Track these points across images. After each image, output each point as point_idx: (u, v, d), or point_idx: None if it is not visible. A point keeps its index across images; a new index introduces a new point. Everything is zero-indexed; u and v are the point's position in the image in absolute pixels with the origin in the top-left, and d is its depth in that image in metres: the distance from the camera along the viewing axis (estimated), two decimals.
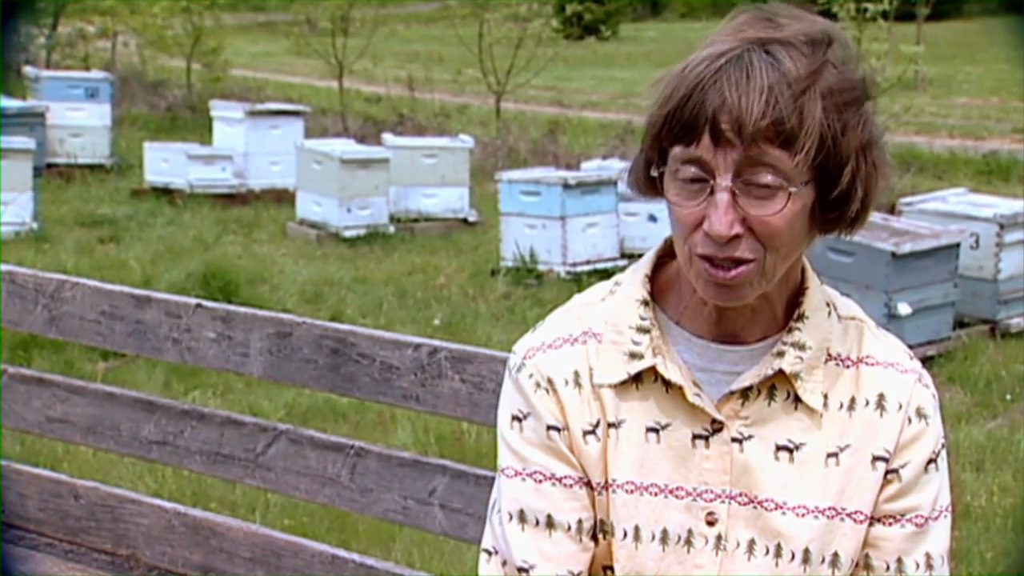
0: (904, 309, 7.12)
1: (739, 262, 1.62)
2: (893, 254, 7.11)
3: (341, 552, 2.95)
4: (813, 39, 1.62)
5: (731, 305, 1.68)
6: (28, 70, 14.42)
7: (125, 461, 5.05)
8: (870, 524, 1.74)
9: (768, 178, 1.59)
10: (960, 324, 7.59)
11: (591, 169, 10.10)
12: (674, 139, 1.62)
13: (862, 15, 11.62)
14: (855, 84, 1.63)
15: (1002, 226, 7.76)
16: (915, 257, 7.21)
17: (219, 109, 12.66)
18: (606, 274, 1.78)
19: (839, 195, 1.63)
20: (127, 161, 12.99)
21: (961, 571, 4.61)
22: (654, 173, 1.66)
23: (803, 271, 1.75)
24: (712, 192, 1.60)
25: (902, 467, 1.73)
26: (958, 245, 7.49)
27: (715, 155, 1.59)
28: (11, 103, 12.30)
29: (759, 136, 1.57)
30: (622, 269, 1.84)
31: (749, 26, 1.63)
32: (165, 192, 11.68)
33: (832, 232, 1.69)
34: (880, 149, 1.66)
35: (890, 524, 1.74)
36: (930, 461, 1.75)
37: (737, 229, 1.60)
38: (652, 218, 9.32)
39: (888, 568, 1.75)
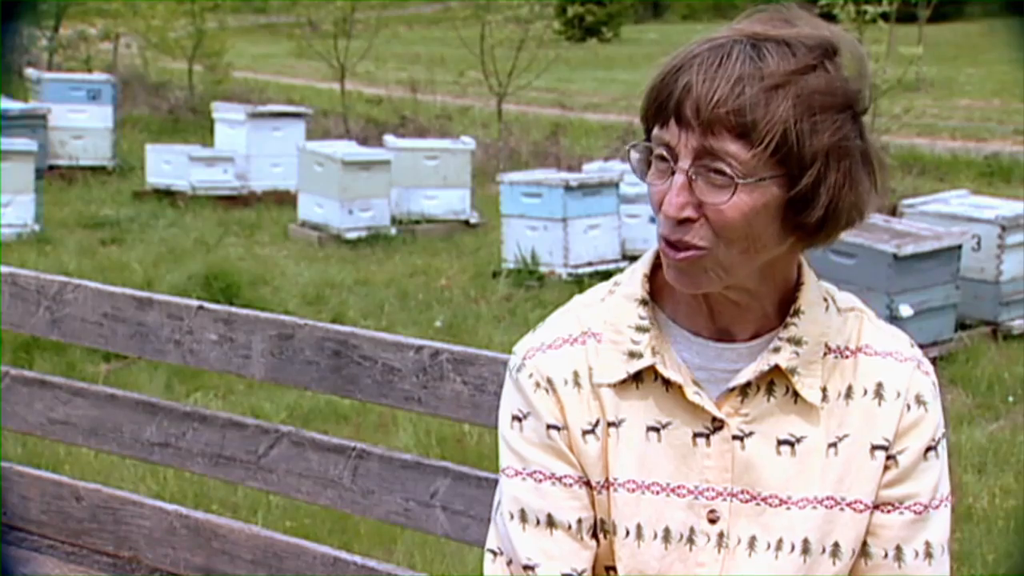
0: (906, 311, 7.12)
1: (690, 247, 1.63)
2: (895, 256, 7.11)
3: (343, 554, 2.95)
4: (817, 43, 1.62)
5: (691, 292, 1.69)
6: (30, 72, 14.42)
7: (127, 463, 5.05)
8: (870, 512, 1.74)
9: (722, 167, 1.60)
10: (962, 326, 7.58)
11: (592, 171, 10.10)
12: (652, 119, 1.66)
13: (862, 17, 11.61)
14: (841, 91, 1.62)
15: (1004, 228, 7.76)
16: (917, 259, 7.21)
17: (221, 111, 12.67)
18: (607, 276, 1.78)
19: (800, 197, 1.61)
20: (129, 163, 13.00)
21: (963, 573, 4.61)
22: (629, 147, 1.69)
23: (799, 268, 1.75)
24: (673, 173, 1.62)
25: (900, 453, 1.73)
26: (960, 247, 7.49)
27: (679, 138, 1.61)
28: (13, 105, 12.30)
29: (717, 122, 1.58)
30: (623, 271, 1.84)
31: (758, 22, 1.64)
32: (167, 194, 11.69)
33: (805, 240, 1.67)
34: (857, 162, 1.63)
35: (889, 511, 1.74)
36: (929, 448, 1.75)
37: (688, 213, 1.62)
38: (653, 220, 9.26)
39: (887, 556, 1.74)
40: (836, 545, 1.73)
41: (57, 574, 3.23)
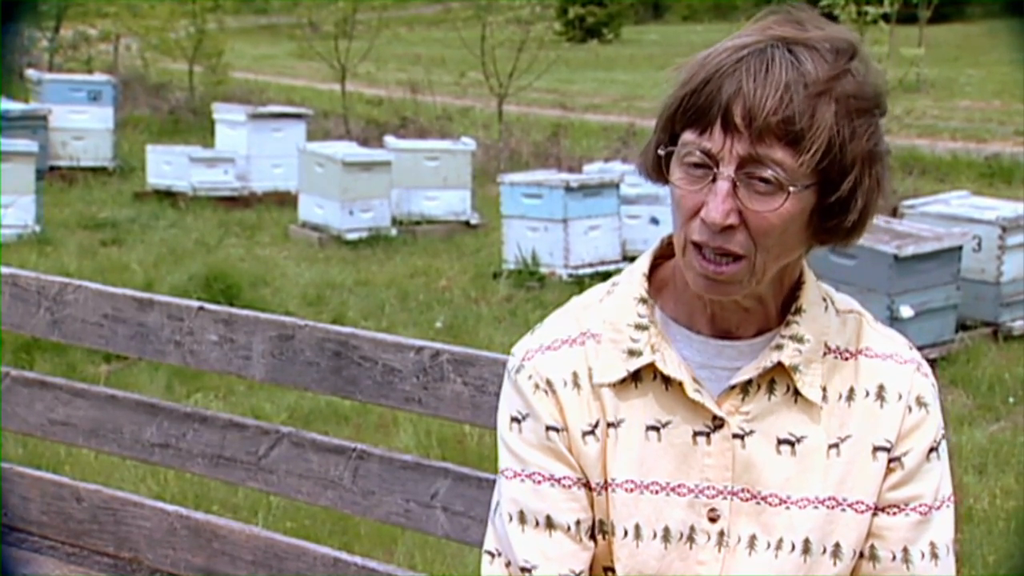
0: (906, 312, 7.12)
1: (729, 256, 1.63)
2: (895, 257, 7.10)
3: (343, 555, 2.95)
4: (837, 47, 1.64)
5: (719, 299, 1.69)
6: (30, 73, 14.42)
7: (127, 464, 5.05)
8: (874, 514, 1.75)
9: (770, 174, 1.60)
10: (962, 327, 7.58)
11: (593, 171, 10.10)
12: (686, 123, 1.64)
13: (863, 18, 11.61)
14: (870, 95, 1.65)
15: (1004, 229, 7.76)
16: (917, 260, 7.21)
17: (221, 112, 12.67)
18: (608, 276, 1.78)
19: (838, 202, 1.64)
20: (129, 164, 13.00)
21: (963, 574, 4.61)
22: (661, 152, 1.67)
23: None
24: (714, 180, 1.62)
25: (904, 455, 1.74)
26: (960, 248, 7.48)
27: (723, 144, 1.60)
28: (13, 106, 12.30)
29: (768, 131, 1.59)
30: (623, 271, 1.84)
31: (777, 25, 1.65)
32: (167, 195, 11.69)
33: (827, 243, 1.70)
34: (884, 166, 1.67)
35: (894, 513, 1.75)
36: (931, 449, 1.76)
37: (732, 220, 1.62)
38: (654, 220, 9.32)
39: (894, 558, 1.75)
40: (837, 546, 1.73)
41: (57, 575, 3.23)
